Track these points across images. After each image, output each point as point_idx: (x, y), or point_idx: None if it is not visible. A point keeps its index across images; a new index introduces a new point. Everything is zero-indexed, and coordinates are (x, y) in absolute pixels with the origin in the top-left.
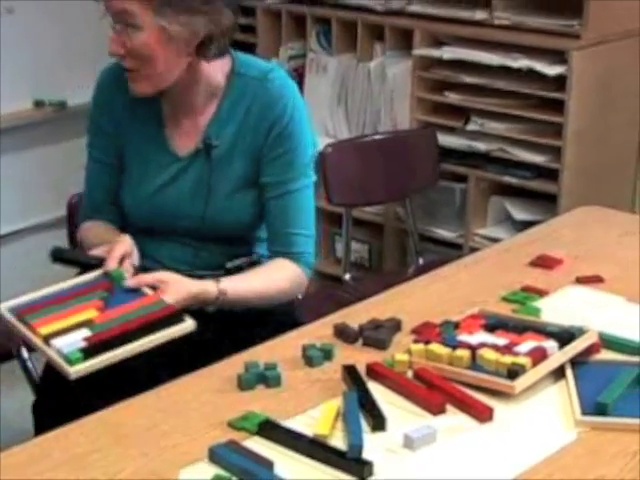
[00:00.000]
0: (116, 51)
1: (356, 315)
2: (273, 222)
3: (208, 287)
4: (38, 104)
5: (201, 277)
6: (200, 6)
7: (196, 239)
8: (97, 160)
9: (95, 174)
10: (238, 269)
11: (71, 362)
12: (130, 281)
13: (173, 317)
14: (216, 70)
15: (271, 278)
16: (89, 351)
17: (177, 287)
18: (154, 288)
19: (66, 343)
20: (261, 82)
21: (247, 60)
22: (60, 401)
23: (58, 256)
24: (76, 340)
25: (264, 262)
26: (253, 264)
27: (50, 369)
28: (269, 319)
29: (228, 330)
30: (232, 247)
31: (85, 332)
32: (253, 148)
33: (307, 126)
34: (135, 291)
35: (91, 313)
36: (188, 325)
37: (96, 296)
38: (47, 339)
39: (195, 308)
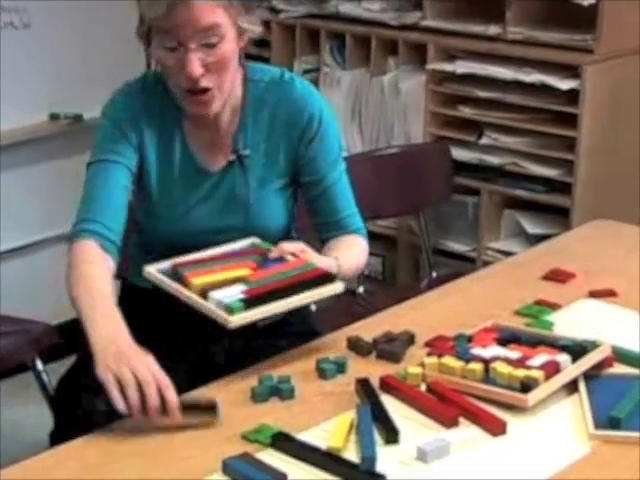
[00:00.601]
0: (198, 71)
1: (369, 328)
2: (323, 214)
3: (332, 262)
4: (54, 117)
5: None
6: (252, 5)
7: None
8: (120, 164)
9: (113, 179)
10: None
11: (232, 311)
12: (274, 252)
13: (325, 277)
14: (236, 80)
15: (356, 252)
16: (249, 303)
17: (317, 258)
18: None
19: (225, 295)
20: (279, 85)
21: (254, 67)
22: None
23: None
24: (235, 292)
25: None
26: None
27: (65, 387)
28: (287, 329)
29: (246, 340)
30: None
31: (242, 286)
32: (286, 151)
33: (332, 118)
34: (281, 259)
35: (245, 271)
36: (338, 286)
37: (249, 258)
38: (204, 292)
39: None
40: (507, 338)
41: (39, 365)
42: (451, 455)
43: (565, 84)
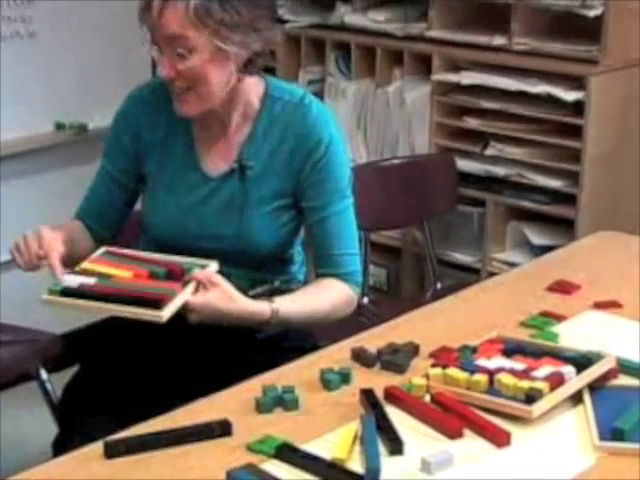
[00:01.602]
0: (168, 74)
1: (374, 339)
2: (318, 245)
3: (262, 306)
4: (59, 127)
5: None
6: (253, 24)
7: (222, 262)
8: (109, 174)
9: (102, 185)
10: (259, 297)
11: (50, 291)
12: (187, 276)
13: (155, 302)
14: (251, 92)
15: (321, 297)
16: (70, 292)
17: (223, 295)
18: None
19: (70, 280)
20: (297, 107)
21: (279, 84)
22: (81, 435)
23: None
24: (78, 281)
25: (291, 288)
26: (274, 292)
27: (69, 398)
28: (288, 343)
29: (247, 353)
30: (257, 273)
31: (92, 280)
32: (289, 170)
33: (344, 149)
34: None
35: (126, 274)
36: (157, 315)
37: (151, 268)
38: (75, 272)
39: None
40: (512, 349)
41: (43, 374)
42: (455, 466)
43: (570, 95)
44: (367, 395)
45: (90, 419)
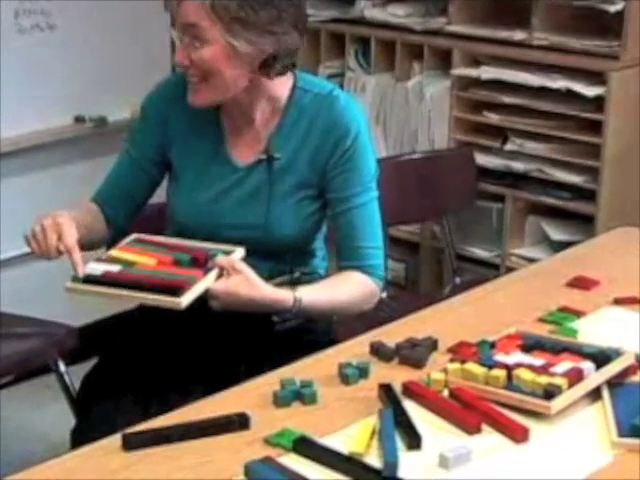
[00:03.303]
0: (181, 61)
1: (392, 333)
2: (341, 237)
3: (285, 295)
4: (79, 120)
5: None
6: (269, 26)
7: (246, 252)
8: (134, 161)
9: (124, 171)
10: (280, 286)
11: (73, 279)
12: (210, 263)
13: (174, 289)
14: (277, 87)
15: (344, 289)
16: (93, 280)
17: (246, 283)
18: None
19: (92, 267)
20: (326, 98)
21: (308, 78)
22: (100, 425)
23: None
24: (100, 269)
25: (311, 281)
26: (294, 284)
27: (87, 390)
28: (307, 337)
29: (266, 346)
30: (279, 263)
31: (116, 268)
32: (316, 161)
33: (371, 141)
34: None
35: (150, 261)
36: (176, 302)
37: (176, 255)
38: (101, 259)
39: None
40: (531, 345)
41: (61, 367)
42: (473, 462)
43: (591, 91)
44: (385, 390)
45: (109, 410)
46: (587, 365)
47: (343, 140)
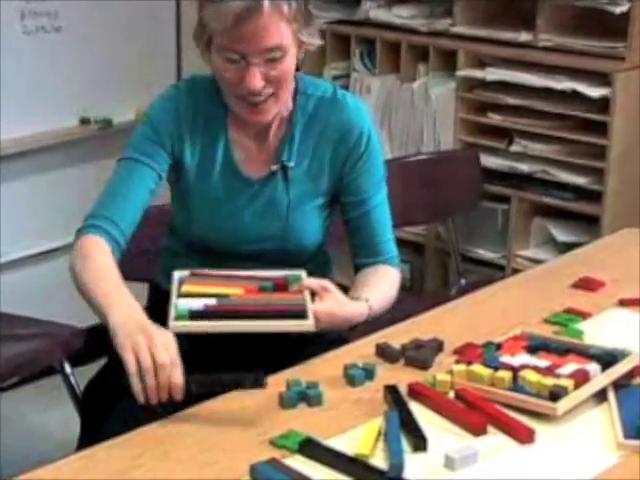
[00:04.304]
0: (259, 84)
1: (398, 335)
2: (358, 236)
3: (363, 306)
4: (84, 122)
5: None
6: (312, 19)
7: (264, 263)
8: (147, 165)
9: (138, 176)
10: None
11: (177, 317)
12: (296, 286)
13: (298, 313)
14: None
15: (389, 284)
16: (198, 315)
17: (338, 302)
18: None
19: (187, 303)
20: (331, 102)
21: (308, 79)
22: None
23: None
24: (199, 304)
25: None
26: None
27: (94, 390)
28: (319, 338)
29: (277, 348)
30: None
31: (212, 301)
32: (331, 167)
33: (379, 140)
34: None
35: (238, 291)
36: (308, 324)
37: (258, 284)
38: (182, 295)
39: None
40: (536, 346)
41: (67, 368)
42: (479, 463)
43: (596, 92)
44: (391, 391)
45: (115, 411)
46: (593, 366)
47: (358, 145)
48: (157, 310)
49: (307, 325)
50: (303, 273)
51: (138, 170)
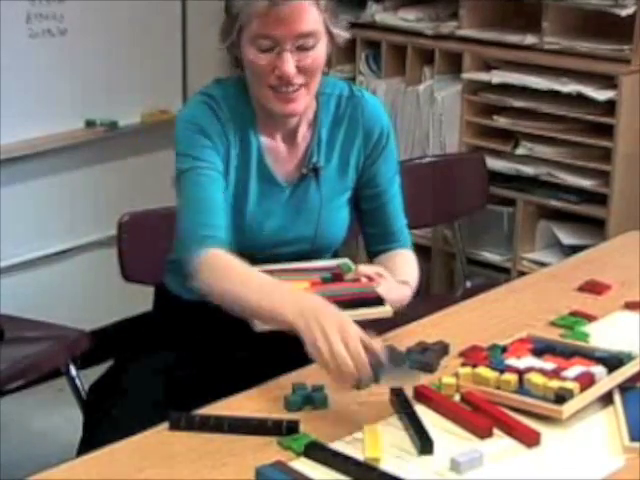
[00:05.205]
0: (293, 71)
1: (403, 338)
2: (377, 225)
3: (408, 290)
4: (89, 124)
5: None
6: (339, 12)
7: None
8: (214, 170)
9: (211, 187)
10: None
11: None
12: (351, 275)
13: (375, 300)
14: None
15: (412, 266)
16: None
17: (391, 285)
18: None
19: None
20: (352, 100)
21: (325, 79)
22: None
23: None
24: None
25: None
26: None
27: (97, 393)
28: None
29: (279, 350)
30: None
31: None
32: (356, 165)
33: (393, 131)
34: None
35: (303, 285)
36: (387, 310)
37: (318, 273)
38: None
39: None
40: (542, 349)
41: (73, 371)
42: (485, 466)
43: (602, 94)
44: (397, 394)
45: (120, 414)
46: (598, 369)
47: (379, 142)
48: (164, 314)
49: (386, 311)
50: (349, 261)
51: (207, 178)
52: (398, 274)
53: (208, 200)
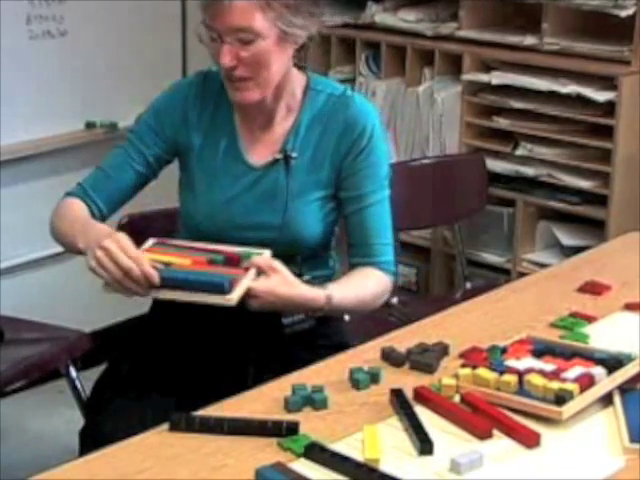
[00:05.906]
0: (230, 62)
1: (403, 338)
2: (354, 234)
3: (318, 293)
4: (89, 125)
5: None
6: (311, 8)
7: None
8: (137, 154)
9: (125, 164)
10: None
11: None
12: (246, 263)
13: (221, 287)
14: (296, 83)
15: (367, 285)
16: None
17: (284, 282)
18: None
19: None
20: (340, 99)
21: (321, 78)
22: (108, 428)
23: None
24: None
25: (322, 283)
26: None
27: (98, 392)
28: (318, 341)
29: (277, 351)
30: (287, 266)
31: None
32: (332, 160)
33: (385, 140)
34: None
35: (185, 261)
36: (228, 299)
37: (210, 255)
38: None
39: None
40: (542, 350)
41: (73, 372)
42: (485, 467)
43: (601, 95)
44: (396, 395)
45: (120, 413)
46: (598, 370)
47: (359, 140)
48: (162, 315)
49: (226, 299)
50: (267, 252)
51: (129, 152)
52: (333, 283)
53: (112, 177)
